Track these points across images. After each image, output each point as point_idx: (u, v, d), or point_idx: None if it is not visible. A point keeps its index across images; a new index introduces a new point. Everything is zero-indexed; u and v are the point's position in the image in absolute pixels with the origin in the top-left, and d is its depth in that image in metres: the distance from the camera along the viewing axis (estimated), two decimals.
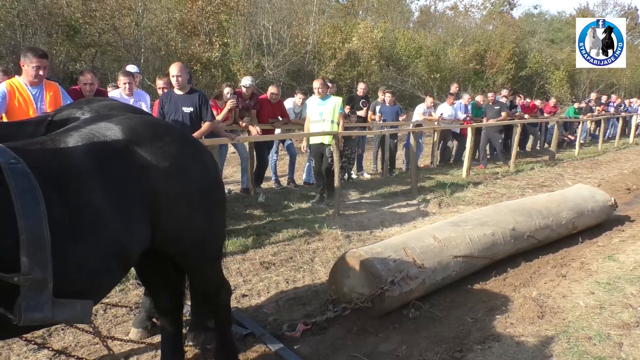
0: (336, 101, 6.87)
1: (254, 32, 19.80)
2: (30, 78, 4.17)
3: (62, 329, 3.30)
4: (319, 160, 7.03)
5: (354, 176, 9.30)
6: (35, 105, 4.13)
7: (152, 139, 2.20)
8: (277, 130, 7.87)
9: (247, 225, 5.76)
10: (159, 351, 2.96)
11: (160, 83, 6.37)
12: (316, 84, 6.93)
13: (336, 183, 6.43)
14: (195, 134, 5.27)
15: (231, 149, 8.20)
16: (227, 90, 6.98)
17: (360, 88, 9.59)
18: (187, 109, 5.50)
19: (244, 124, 7.22)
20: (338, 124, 6.77)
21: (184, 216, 2.27)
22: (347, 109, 9.14)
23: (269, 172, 8.21)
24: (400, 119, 9.81)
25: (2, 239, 1.63)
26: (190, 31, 17.30)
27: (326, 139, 6.76)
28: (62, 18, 16.12)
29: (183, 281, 2.94)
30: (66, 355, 2.75)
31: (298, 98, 8.51)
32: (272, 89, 7.90)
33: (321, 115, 6.82)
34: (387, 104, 9.72)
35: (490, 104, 11.09)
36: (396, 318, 3.57)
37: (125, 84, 5.83)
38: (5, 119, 4.01)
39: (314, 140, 6.91)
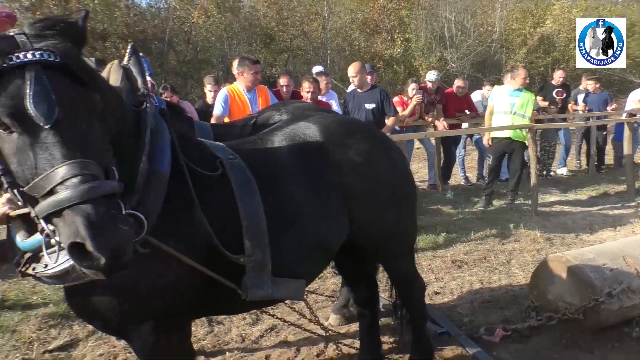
0: (529, 96, 6.31)
1: (436, 25, 19.35)
2: (248, 83, 4.69)
3: (272, 308, 3.63)
4: (499, 157, 6.48)
5: (552, 173, 8.46)
6: (250, 109, 4.60)
7: (344, 136, 2.28)
8: (465, 125, 7.58)
9: (437, 222, 5.64)
10: (356, 339, 3.06)
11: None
12: (523, 72, 6.35)
13: (533, 180, 5.92)
14: (383, 130, 5.36)
15: (417, 144, 8.15)
16: (412, 86, 6.96)
17: (558, 76, 8.57)
18: (370, 106, 5.65)
19: (430, 119, 7.11)
20: (530, 120, 6.18)
21: (374, 212, 2.30)
22: (539, 100, 8.31)
23: (456, 168, 7.96)
24: (608, 108, 8.59)
25: (229, 225, 1.84)
26: (372, 30, 17.73)
27: (514, 134, 6.21)
28: (260, 28, 17.95)
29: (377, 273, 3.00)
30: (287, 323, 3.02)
31: (486, 90, 8.06)
32: (458, 82, 7.66)
33: (512, 106, 6.27)
34: (592, 92, 8.60)
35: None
36: (616, 335, 3.12)
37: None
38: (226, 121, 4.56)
39: (498, 134, 6.36)
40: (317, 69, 7.51)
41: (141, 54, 1.97)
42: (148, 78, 2.02)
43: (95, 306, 1.62)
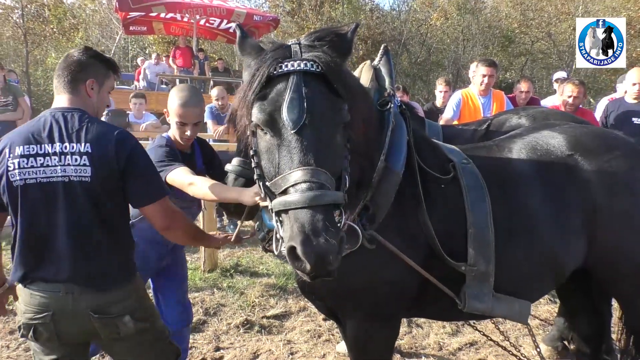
0: None
1: None
2: (478, 87, 4.48)
3: (475, 322, 3.47)
4: None
5: None
6: (482, 114, 4.35)
7: (599, 151, 2.05)
8: None
9: None
10: None
11: None
12: None
13: None
14: None
15: None
16: None
17: None
18: (639, 120, 4.81)
19: None
20: None
21: (626, 239, 2.02)
22: None
23: None
24: None
25: (455, 230, 1.81)
26: (637, 31, 15.27)
27: None
28: (500, 30, 17.11)
29: (609, 310, 2.60)
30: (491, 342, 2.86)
31: None
32: None
33: None
34: None
35: None
36: None
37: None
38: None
39: None
40: (559, 74, 6.76)
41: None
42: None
43: (318, 287, 1.75)
